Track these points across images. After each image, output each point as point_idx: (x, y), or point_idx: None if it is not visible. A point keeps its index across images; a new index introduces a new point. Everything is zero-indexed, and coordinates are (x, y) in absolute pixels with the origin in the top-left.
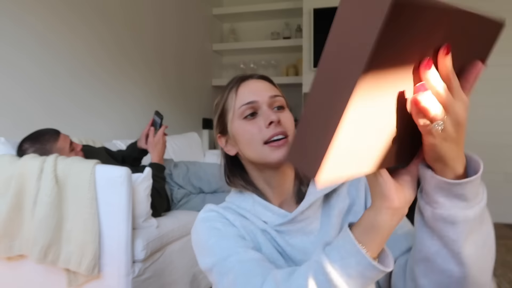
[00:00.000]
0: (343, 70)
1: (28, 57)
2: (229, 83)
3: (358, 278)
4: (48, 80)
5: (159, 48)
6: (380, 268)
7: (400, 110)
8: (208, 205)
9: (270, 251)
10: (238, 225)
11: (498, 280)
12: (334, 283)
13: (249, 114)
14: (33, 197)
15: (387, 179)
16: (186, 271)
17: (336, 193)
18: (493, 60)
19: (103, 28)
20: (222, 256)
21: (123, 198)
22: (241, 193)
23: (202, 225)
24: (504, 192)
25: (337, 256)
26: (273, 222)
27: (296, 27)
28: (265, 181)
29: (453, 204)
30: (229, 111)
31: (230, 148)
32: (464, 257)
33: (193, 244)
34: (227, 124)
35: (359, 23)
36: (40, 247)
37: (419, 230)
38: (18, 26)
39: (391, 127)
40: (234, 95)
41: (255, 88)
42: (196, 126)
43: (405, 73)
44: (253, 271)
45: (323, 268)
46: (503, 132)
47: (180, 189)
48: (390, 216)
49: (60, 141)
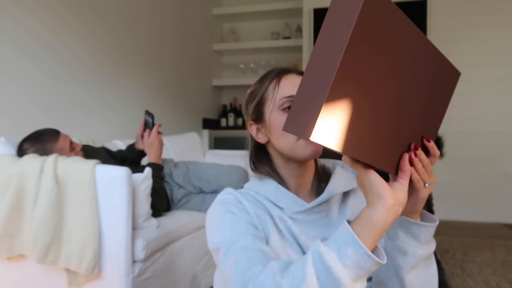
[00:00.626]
0: (329, 54)
1: (28, 57)
2: (268, 73)
3: (354, 268)
4: (47, 80)
5: (159, 48)
6: (375, 259)
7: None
8: (227, 188)
9: (276, 242)
10: (252, 213)
11: (498, 280)
12: (330, 271)
13: (287, 107)
14: (33, 197)
15: (379, 180)
16: (186, 271)
17: (354, 194)
18: (493, 60)
19: (102, 28)
20: (232, 239)
21: (123, 198)
22: (261, 180)
23: (219, 206)
24: (504, 192)
25: (334, 246)
26: (291, 209)
27: (296, 27)
28: (289, 171)
29: (408, 240)
30: (268, 101)
31: (261, 136)
32: (406, 283)
33: (206, 223)
34: (264, 113)
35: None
36: (40, 247)
37: None
38: (16, 27)
39: (380, 123)
40: (275, 86)
41: (294, 82)
42: (196, 126)
43: (380, 68)
44: (256, 260)
45: (321, 257)
46: (503, 132)
47: (180, 189)
48: (386, 213)
49: (60, 141)
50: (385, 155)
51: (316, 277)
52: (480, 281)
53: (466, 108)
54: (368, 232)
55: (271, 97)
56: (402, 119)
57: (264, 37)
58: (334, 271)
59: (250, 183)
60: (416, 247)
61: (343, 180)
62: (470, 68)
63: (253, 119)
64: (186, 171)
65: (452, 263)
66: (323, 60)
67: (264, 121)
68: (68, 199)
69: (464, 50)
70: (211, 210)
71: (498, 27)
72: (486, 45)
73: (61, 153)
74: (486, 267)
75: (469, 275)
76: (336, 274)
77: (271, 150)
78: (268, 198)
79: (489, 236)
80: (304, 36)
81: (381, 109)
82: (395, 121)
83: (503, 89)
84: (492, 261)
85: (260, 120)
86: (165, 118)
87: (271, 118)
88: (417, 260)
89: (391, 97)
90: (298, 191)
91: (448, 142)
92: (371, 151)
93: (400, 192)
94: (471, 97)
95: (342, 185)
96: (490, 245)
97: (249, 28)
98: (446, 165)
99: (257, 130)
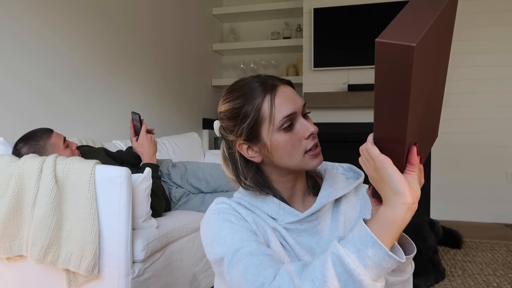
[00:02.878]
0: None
1: (28, 57)
2: (253, 88)
3: (374, 268)
4: (47, 80)
5: (159, 48)
6: (396, 258)
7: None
8: (219, 198)
9: (278, 248)
10: (250, 220)
11: (499, 281)
12: (352, 273)
13: (287, 126)
14: (33, 197)
15: (400, 177)
16: (186, 271)
17: (346, 199)
18: (493, 60)
19: (102, 28)
20: (235, 247)
21: (123, 198)
22: (251, 191)
23: (215, 216)
24: (504, 192)
25: (353, 248)
26: (284, 220)
27: (296, 27)
28: (283, 183)
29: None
30: (266, 121)
31: (255, 155)
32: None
33: (202, 235)
34: (260, 134)
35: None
36: (39, 248)
37: None
38: (17, 27)
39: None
40: (271, 105)
41: (289, 97)
42: (196, 126)
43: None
44: (265, 264)
45: (340, 260)
46: (503, 132)
47: (178, 188)
48: (405, 211)
49: (53, 137)
50: (411, 139)
51: (338, 280)
52: (481, 281)
53: (467, 108)
54: (387, 232)
55: (268, 118)
56: (423, 115)
57: (264, 37)
58: (356, 274)
59: (242, 193)
60: (388, 274)
61: (335, 185)
62: (470, 68)
63: (246, 139)
64: (184, 171)
65: (453, 263)
66: (423, 5)
67: (261, 141)
68: (68, 199)
69: (463, 50)
70: (206, 221)
71: (496, 27)
72: (486, 45)
73: (55, 149)
74: (487, 267)
75: (469, 275)
76: (358, 276)
77: (265, 166)
78: (261, 209)
79: (490, 236)
80: (304, 36)
81: (422, 96)
82: (421, 113)
83: (504, 89)
84: (493, 261)
85: (255, 140)
86: (165, 118)
87: (272, 140)
88: (395, 285)
89: (429, 88)
90: (291, 200)
91: (448, 142)
92: (411, 127)
93: (416, 187)
94: (471, 97)
95: (334, 191)
96: (491, 245)
97: (249, 28)
98: (447, 165)
99: (248, 149)
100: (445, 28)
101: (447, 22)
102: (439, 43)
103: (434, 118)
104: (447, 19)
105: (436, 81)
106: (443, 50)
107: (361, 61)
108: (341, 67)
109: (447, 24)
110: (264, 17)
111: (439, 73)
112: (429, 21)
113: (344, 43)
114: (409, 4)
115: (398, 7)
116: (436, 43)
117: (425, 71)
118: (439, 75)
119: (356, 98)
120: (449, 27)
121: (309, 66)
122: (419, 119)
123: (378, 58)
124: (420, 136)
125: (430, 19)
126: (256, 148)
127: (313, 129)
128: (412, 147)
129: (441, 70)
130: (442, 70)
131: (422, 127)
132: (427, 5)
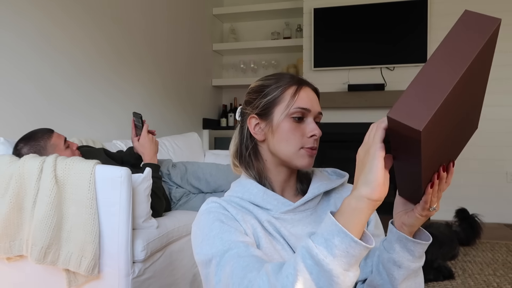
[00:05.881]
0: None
1: (28, 58)
2: (286, 76)
3: (343, 257)
4: (48, 81)
5: (159, 48)
6: (363, 244)
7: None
8: (210, 198)
9: (268, 244)
10: (240, 219)
11: (499, 281)
12: (321, 264)
13: (298, 117)
14: (33, 197)
15: (380, 173)
16: (186, 271)
17: (335, 192)
18: (493, 60)
19: (102, 28)
20: (223, 248)
21: (123, 198)
22: (243, 185)
23: (205, 216)
24: (504, 192)
25: (321, 239)
26: (278, 210)
27: (296, 27)
28: (277, 175)
29: (403, 254)
30: (282, 104)
31: (259, 132)
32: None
33: (192, 236)
34: (273, 113)
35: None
36: (39, 248)
37: (375, 267)
38: (15, 31)
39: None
40: (294, 94)
41: (312, 98)
42: (196, 126)
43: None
44: (251, 266)
45: (310, 252)
46: (503, 132)
47: (178, 188)
48: (367, 205)
49: (54, 138)
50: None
51: (309, 273)
52: (481, 281)
53: None
54: (353, 222)
55: (287, 102)
56: (450, 142)
57: (264, 37)
58: (325, 263)
59: (232, 190)
60: (410, 261)
61: (325, 180)
62: None
63: (258, 114)
64: (184, 171)
65: (453, 263)
66: (442, 67)
67: (270, 120)
68: (68, 199)
69: None
70: (196, 222)
71: None
72: None
73: (55, 149)
74: (487, 267)
75: (469, 275)
76: (327, 266)
77: (263, 150)
78: (254, 202)
79: (490, 236)
80: (304, 36)
81: (451, 124)
82: (446, 141)
83: (504, 89)
84: (493, 261)
85: (265, 117)
86: (165, 118)
87: (280, 122)
88: (409, 272)
89: (458, 116)
90: (283, 193)
91: None
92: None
93: (387, 188)
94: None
95: (324, 184)
96: (491, 245)
97: (249, 28)
98: None
99: (256, 126)
100: (479, 67)
101: (482, 64)
102: (469, 85)
103: (473, 115)
104: (482, 61)
105: (471, 101)
106: (479, 78)
107: (361, 61)
108: (341, 67)
109: (481, 65)
110: (264, 17)
111: (473, 95)
112: (446, 91)
113: (344, 43)
114: (429, 61)
115: (398, 7)
116: (461, 96)
117: (441, 131)
118: (474, 95)
119: (356, 98)
120: (487, 60)
121: (309, 66)
122: (442, 149)
123: (390, 127)
124: (449, 151)
125: (450, 84)
126: (263, 125)
127: (318, 132)
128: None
129: (478, 89)
130: (480, 88)
131: (450, 143)
132: (449, 66)
